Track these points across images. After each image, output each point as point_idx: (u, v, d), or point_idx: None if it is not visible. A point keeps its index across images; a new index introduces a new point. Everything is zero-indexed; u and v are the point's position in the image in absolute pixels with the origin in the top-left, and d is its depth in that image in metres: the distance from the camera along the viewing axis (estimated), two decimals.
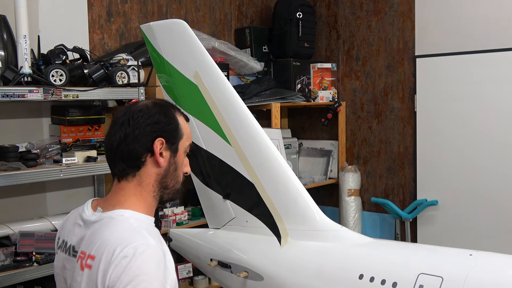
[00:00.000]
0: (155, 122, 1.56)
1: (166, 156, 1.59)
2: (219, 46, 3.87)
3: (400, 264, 1.82)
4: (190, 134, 1.68)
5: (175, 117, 1.61)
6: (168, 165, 1.60)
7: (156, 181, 1.60)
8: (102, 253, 1.43)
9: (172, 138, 1.59)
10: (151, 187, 1.60)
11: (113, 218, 1.51)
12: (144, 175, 1.58)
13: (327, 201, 4.67)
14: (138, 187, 1.58)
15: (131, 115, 1.57)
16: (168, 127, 1.59)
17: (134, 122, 1.55)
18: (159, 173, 1.59)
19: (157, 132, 1.56)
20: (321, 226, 2.03)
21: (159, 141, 1.56)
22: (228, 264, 2.24)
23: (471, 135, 3.88)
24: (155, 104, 1.62)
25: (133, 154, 1.56)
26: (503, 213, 3.76)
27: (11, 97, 2.54)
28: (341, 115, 4.56)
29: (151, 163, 1.58)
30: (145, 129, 1.55)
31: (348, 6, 4.54)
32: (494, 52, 3.76)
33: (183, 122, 1.64)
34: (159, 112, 1.59)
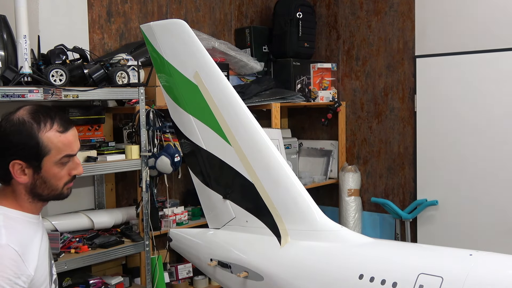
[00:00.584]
0: (11, 146, 1.58)
1: (29, 173, 1.60)
2: (219, 46, 3.87)
3: (400, 264, 1.82)
4: (65, 144, 1.64)
5: (35, 136, 1.59)
6: (33, 180, 1.62)
7: (27, 192, 1.63)
8: None
9: (30, 159, 1.59)
10: (23, 196, 1.63)
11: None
12: (15, 185, 1.62)
13: (327, 201, 4.67)
14: (13, 193, 1.63)
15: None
16: (23, 150, 1.58)
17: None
18: (26, 186, 1.62)
19: (12, 156, 1.58)
20: (321, 226, 2.03)
21: (15, 163, 1.58)
22: (228, 264, 2.24)
23: (471, 135, 3.88)
24: (19, 120, 1.60)
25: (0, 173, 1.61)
26: (503, 213, 3.76)
27: (11, 97, 2.54)
28: (341, 115, 4.56)
29: (14, 179, 1.61)
30: (2, 153, 1.58)
31: (348, 6, 4.54)
32: (494, 52, 3.76)
33: (51, 136, 1.60)
34: (17, 132, 1.58)
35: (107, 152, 3.02)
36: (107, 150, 3.04)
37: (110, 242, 3.01)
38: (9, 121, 1.61)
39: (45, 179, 1.62)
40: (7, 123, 1.60)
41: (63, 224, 3.02)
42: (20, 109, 1.65)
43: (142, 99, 3.06)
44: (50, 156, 1.60)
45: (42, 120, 1.61)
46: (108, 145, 3.09)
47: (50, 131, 1.60)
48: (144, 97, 3.07)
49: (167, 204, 3.54)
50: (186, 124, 2.37)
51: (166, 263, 3.53)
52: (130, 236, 3.15)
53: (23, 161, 1.58)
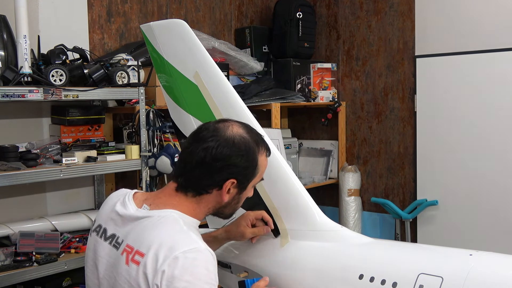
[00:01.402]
0: (234, 165, 1.58)
1: (232, 193, 1.64)
2: (219, 46, 3.87)
3: (400, 264, 1.82)
4: (265, 168, 1.70)
5: (256, 159, 1.63)
6: (231, 200, 1.65)
7: (214, 208, 1.65)
8: (152, 252, 1.45)
9: (244, 180, 1.63)
10: (206, 209, 1.64)
11: (163, 217, 1.54)
12: (205, 199, 1.62)
13: (327, 201, 4.67)
14: (194, 204, 1.61)
15: (218, 146, 1.57)
16: (245, 172, 1.62)
17: (216, 156, 1.57)
18: (220, 203, 1.64)
19: (232, 175, 1.59)
20: (321, 226, 2.03)
21: (230, 182, 1.60)
22: (228, 264, 2.24)
23: (471, 135, 3.88)
24: (243, 140, 1.60)
25: (202, 183, 1.60)
26: (503, 213, 3.76)
27: (11, 97, 2.54)
28: (341, 115, 4.56)
29: (216, 194, 1.62)
30: (222, 169, 1.58)
31: (348, 6, 4.54)
32: (494, 52, 3.76)
33: (262, 160, 1.66)
34: (242, 155, 1.59)
35: (107, 152, 3.02)
36: (107, 150, 3.04)
37: None
38: (229, 137, 1.59)
39: (240, 199, 1.68)
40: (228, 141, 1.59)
41: (63, 224, 3.02)
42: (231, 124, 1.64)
43: (142, 99, 3.06)
44: (255, 178, 1.67)
45: (260, 143, 1.66)
46: (108, 145, 3.09)
47: (262, 155, 1.66)
48: (144, 97, 3.07)
49: None
50: (186, 124, 2.37)
51: None
52: None
53: (237, 181, 1.61)
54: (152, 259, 1.45)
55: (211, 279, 1.46)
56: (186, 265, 1.42)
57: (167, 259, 1.43)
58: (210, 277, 1.46)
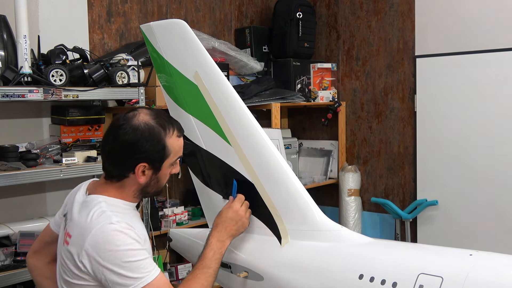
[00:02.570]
0: (140, 151, 1.72)
1: (148, 174, 1.76)
2: (219, 46, 3.87)
3: (400, 264, 1.82)
4: (180, 148, 1.84)
5: (162, 142, 1.75)
6: (150, 180, 1.78)
7: (137, 190, 1.79)
8: (75, 233, 1.68)
9: (155, 162, 1.76)
10: (131, 192, 1.79)
11: (89, 201, 1.74)
12: (127, 182, 1.77)
13: (327, 201, 4.67)
14: (119, 188, 1.77)
15: (123, 135, 1.72)
16: (153, 155, 1.74)
17: (123, 144, 1.72)
18: (140, 185, 1.77)
19: (140, 159, 1.73)
20: (321, 226, 2.03)
21: (141, 166, 1.73)
22: (228, 264, 2.24)
23: (471, 135, 3.88)
24: (147, 126, 1.73)
25: (117, 170, 1.76)
26: (503, 213, 3.76)
27: (11, 97, 2.54)
28: (341, 115, 4.56)
29: (133, 178, 1.76)
30: (130, 155, 1.72)
31: (348, 6, 4.54)
32: (494, 52, 3.76)
33: (173, 140, 1.78)
34: (147, 139, 1.72)
35: None
36: None
37: None
38: (135, 126, 1.73)
39: (159, 179, 1.79)
40: (134, 129, 1.72)
41: None
42: (138, 113, 1.78)
43: (142, 99, 3.06)
44: (169, 159, 1.78)
45: (167, 126, 1.77)
46: None
47: (171, 137, 1.77)
48: (144, 97, 3.07)
49: (167, 204, 3.54)
50: (186, 124, 2.37)
51: (166, 263, 3.53)
52: None
53: (148, 163, 1.74)
54: (76, 239, 1.67)
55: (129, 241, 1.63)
56: (103, 239, 1.62)
57: (86, 237, 1.63)
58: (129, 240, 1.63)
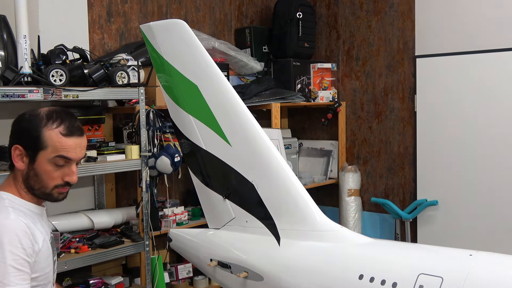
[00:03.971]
0: (17, 131, 1.78)
1: (25, 161, 1.76)
2: (219, 46, 3.87)
3: (400, 264, 1.82)
4: (66, 148, 1.77)
5: (39, 129, 1.74)
6: (27, 169, 1.76)
7: (23, 180, 1.78)
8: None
9: (30, 148, 1.75)
10: (20, 183, 1.78)
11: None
12: (15, 172, 1.79)
13: (327, 201, 4.67)
14: (14, 180, 1.79)
15: (16, 118, 1.80)
16: (26, 137, 1.75)
17: (13, 124, 1.80)
18: (22, 174, 1.77)
19: (15, 140, 1.77)
20: (321, 226, 2.03)
21: (16, 147, 1.75)
22: (228, 264, 2.24)
23: (471, 135, 3.88)
24: (32, 113, 1.78)
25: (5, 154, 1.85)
26: (503, 213, 3.76)
27: (11, 97, 2.54)
28: (341, 115, 4.56)
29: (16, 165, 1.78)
30: (12, 135, 1.79)
31: (348, 6, 4.54)
32: (494, 52, 3.76)
33: (52, 134, 1.75)
34: (27, 121, 1.77)
35: (107, 152, 3.02)
36: (107, 150, 3.04)
37: (110, 242, 3.01)
38: (32, 112, 1.78)
39: (37, 172, 1.75)
40: (30, 113, 1.78)
41: (63, 224, 3.02)
42: (50, 106, 1.83)
43: (142, 99, 3.06)
44: (45, 152, 1.74)
45: (53, 119, 1.76)
46: (108, 145, 3.09)
47: (53, 130, 1.75)
48: (144, 97, 3.07)
49: (167, 204, 3.54)
50: (186, 124, 2.37)
51: (166, 263, 3.53)
52: (130, 236, 3.15)
53: (23, 148, 1.74)
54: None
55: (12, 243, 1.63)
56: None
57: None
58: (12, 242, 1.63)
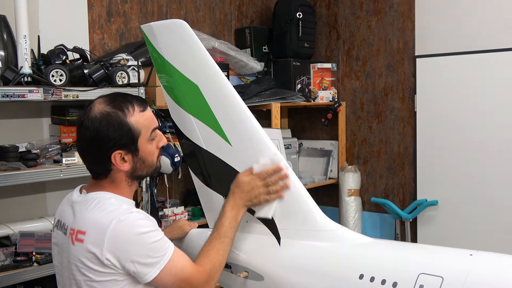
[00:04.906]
0: (106, 141, 1.67)
1: (128, 159, 1.71)
2: (219, 46, 3.87)
3: (400, 264, 1.82)
4: (150, 120, 1.76)
5: (125, 124, 1.68)
6: (134, 164, 1.73)
7: (127, 178, 1.75)
8: (91, 228, 1.62)
9: (128, 145, 1.69)
10: (124, 183, 1.75)
11: (96, 198, 1.69)
12: (114, 176, 1.73)
13: (327, 201, 4.67)
14: (112, 183, 1.74)
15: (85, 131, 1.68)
16: (121, 140, 1.68)
17: (88, 141, 1.69)
18: (128, 172, 1.73)
19: (111, 149, 1.67)
20: (321, 226, 2.03)
21: (116, 154, 1.68)
22: (228, 264, 2.24)
23: (471, 135, 3.88)
24: (103, 115, 1.67)
25: (98, 169, 1.74)
26: (503, 213, 3.76)
27: (11, 97, 2.54)
28: (341, 115, 4.56)
29: (116, 169, 1.72)
30: (99, 148, 1.67)
31: (348, 6, 4.54)
32: (494, 52, 3.76)
33: (137, 118, 1.70)
34: (107, 127, 1.66)
35: None
36: None
37: None
38: (92, 118, 1.67)
39: (143, 158, 1.73)
40: (92, 122, 1.67)
41: None
42: (94, 104, 1.71)
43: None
44: (142, 136, 1.71)
45: (123, 106, 1.70)
46: None
47: (133, 114, 1.70)
48: (144, 97, 3.06)
49: (167, 204, 3.54)
50: (186, 124, 2.37)
51: None
52: None
53: (122, 149, 1.68)
54: (93, 235, 1.61)
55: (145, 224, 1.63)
56: (123, 229, 1.59)
57: (106, 231, 1.59)
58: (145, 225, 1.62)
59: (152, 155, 1.76)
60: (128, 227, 1.60)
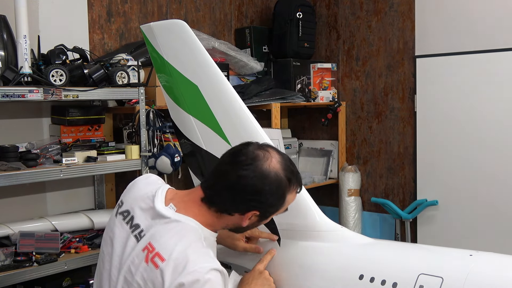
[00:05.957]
0: (261, 201, 1.62)
1: (252, 220, 1.69)
2: (219, 46, 3.87)
3: (400, 264, 1.82)
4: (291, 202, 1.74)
5: (284, 197, 1.66)
6: (250, 226, 1.72)
7: (232, 226, 1.72)
8: (173, 260, 1.53)
9: (267, 215, 1.70)
10: (224, 225, 1.71)
11: (187, 225, 1.61)
12: (225, 218, 1.67)
13: (327, 201, 4.67)
14: (214, 218, 1.67)
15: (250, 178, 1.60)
16: (270, 208, 1.67)
17: (245, 187, 1.60)
18: (239, 225, 1.70)
19: (257, 208, 1.64)
20: (321, 227, 2.03)
21: (253, 213, 1.65)
22: (228, 264, 2.24)
23: (471, 135, 3.88)
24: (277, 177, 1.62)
25: (226, 205, 1.64)
26: (503, 213, 3.76)
27: (11, 97, 2.54)
28: (341, 115, 4.56)
29: (237, 217, 1.67)
30: (250, 200, 1.62)
31: (348, 6, 4.54)
32: (494, 52, 3.76)
33: (291, 196, 1.70)
34: (272, 193, 1.62)
35: (107, 152, 3.02)
36: (107, 150, 3.04)
37: None
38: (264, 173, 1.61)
39: (258, 225, 1.74)
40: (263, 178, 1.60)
41: (63, 224, 3.02)
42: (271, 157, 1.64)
43: (142, 99, 3.06)
44: (278, 212, 1.71)
45: (293, 180, 1.67)
46: (108, 145, 3.09)
47: (293, 193, 1.70)
48: (144, 97, 3.07)
49: None
50: (186, 124, 2.37)
51: None
52: None
53: (261, 212, 1.66)
54: (172, 268, 1.52)
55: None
56: (202, 283, 1.50)
57: (186, 273, 1.50)
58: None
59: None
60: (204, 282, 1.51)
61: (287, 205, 1.72)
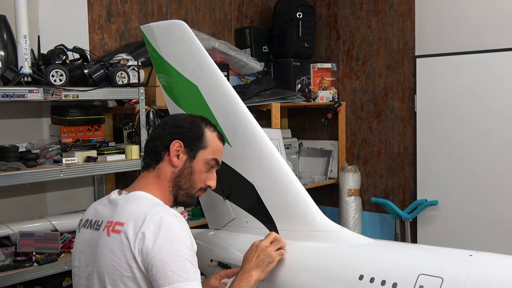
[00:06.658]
0: (178, 126, 1.80)
1: (182, 158, 1.78)
2: (219, 46, 3.87)
3: (400, 264, 1.82)
4: (219, 152, 1.87)
5: (201, 128, 1.82)
6: (183, 167, 1.79)
7: (171, 178, 1.79)
8: (131, 220, 1.61)
9: (191, 144, 1.79)
10: (166, 182, 1.79)
11: (137, 196, 1.73)
12: (162, 169, 1.78)
13: (327, 201, 4.67)
14: (156, 178, 1.79)
15: (165, 120, 1.86)
16: (189, 133, 1.79)
17: (163, 124, 1.83)
18: (174, 172, 1.78)
19: (177, 135, 1.78)
20: (321, 227, 2.03)
21: (176, 142, 1.77)
22: (228, 264, 2.24)
23: (471, 135, 3.88)
24: (190, 115, 1.88)
25: (154, 149, 1.80)
26: (503, 213, 3.76)
27: (11, 97, 2.54)
28: (341, 115, 4.56)
29: (168, 161, 1.78)
30: (169, 130, 1.80)
31: (348, 6, 4.54)
32: (494, 52, 3.76)
33: (212, 137, 1.84)
34: (186, 120, 1.83)
35: (107, 152, 3.02)
36: (107, 150, 3.04)
37: None
38: (180, 115, 1.89)
39: (192, 170, 1.79)
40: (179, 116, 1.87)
41: (63, 224, 3.02)
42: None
43: (142, 99, 3.06)
44: (205, 152, 1.81)
45: (209, 124, 1.86)
46: (108, 145, 3.09)
47: (212, 133, 1.85)
48: (144, 97, 3.07)
49: None
50: None
51: None
52: None
53: (183, 144, 1.78)
54: (132, 225, 1.60)
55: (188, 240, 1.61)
56: (165, 225, 1.58)
57: (146, 222, 1.58)
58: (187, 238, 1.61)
59: (199, 178, 1.82)
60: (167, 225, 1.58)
61: (211, 145, 1.82)
